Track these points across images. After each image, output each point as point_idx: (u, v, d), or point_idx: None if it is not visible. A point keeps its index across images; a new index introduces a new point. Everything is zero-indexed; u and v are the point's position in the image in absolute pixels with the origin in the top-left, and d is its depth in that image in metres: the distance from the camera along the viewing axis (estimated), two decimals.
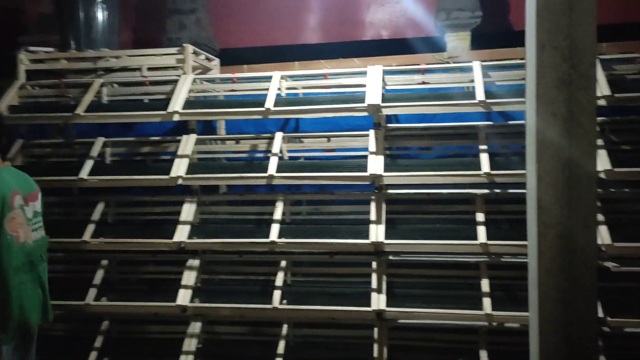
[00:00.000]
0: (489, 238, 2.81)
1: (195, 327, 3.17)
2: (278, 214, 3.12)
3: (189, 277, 3.18)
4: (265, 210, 3.26)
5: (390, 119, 3.57)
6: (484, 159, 2.86)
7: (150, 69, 3.55)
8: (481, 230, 2.84)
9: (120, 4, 3.75)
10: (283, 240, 3.02)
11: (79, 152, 3.44)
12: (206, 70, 3.68)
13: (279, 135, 3.20)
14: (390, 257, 3.05)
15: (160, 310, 3.13)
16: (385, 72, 3.15)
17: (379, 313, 2.87)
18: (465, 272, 3.00)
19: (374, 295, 2.92)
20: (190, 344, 3.12)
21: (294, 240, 3.01)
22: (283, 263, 3.18)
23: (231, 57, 4.07)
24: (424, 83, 3.13)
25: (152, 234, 3.18)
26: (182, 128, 3.41)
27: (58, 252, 3.46)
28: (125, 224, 3.40)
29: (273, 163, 3.06)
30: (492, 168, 2.82)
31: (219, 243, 3.10)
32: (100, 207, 3.33)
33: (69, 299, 3.18)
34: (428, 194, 3.11)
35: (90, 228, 3.22)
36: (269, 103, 3.05)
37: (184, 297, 3.08)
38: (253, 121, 3.78)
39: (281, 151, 3.25)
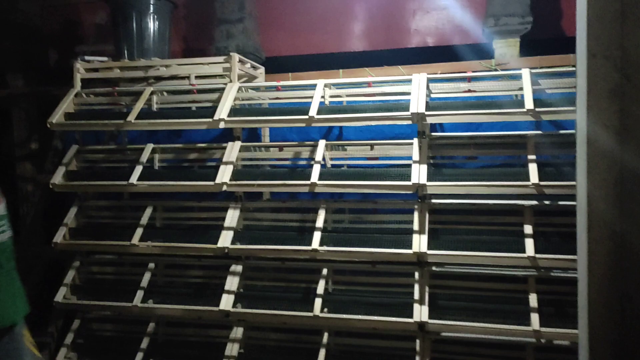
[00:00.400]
0: (537, 251, 2.71)
1: (238, 332, 3.22)
2: (320, 221, 3.13)
3: (232, 283, 3.22)
4: (307, 218, 3.27)
5: (434, 127, 3.52)
6: (533, 169, 2.77)
7: (198, 77, 3.63)
8: (529, 243, 2.75)
9: (171, 14, 3.86)
10: (325, 248, 3.02)
11: (130, 157, 3.56)
12: (252, 78, 3.73)
13: (322, 143, 3.21)
14: (434, 268, 3.00)
15: (204, 315, 3.18)
16: (431, 80, 3.11)
17: (421, 325, 2.83)
18: (512, 286, 2.91)
19: (416, 306, 2.88)
20: (232, 349, 3.17)
21: (336, 249, 3.01)
22: (324, 271, 3.17)
23: (276, 65, 4.12)
24: (470, 91, 3.06)
25: (198, 238, 3.25)
26: (228, 135, 3.48)
27: (108, 254, 3.60)
28: (172, 228, 3.49)
29: (316, 171, 3.07)
30: (541, 179, 2.73)
31: (262, 249, 3.13)
32: (148, 212, 3.43)
33: (117, 300, 3.29)
34: (473, 204, 3.04)
35: (139, 232, 3.32)
36: (313, 111, 3.06)
37: (226, 302, 3.13)
38: (297, 128, 3.82)
39: (324, 159, 3.26)
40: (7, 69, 4.56)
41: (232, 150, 3.28)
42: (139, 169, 3.32)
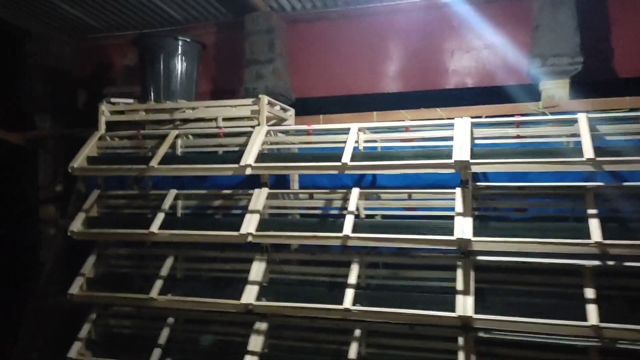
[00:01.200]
0: (601, 319, 2.38)
1: None
2: (353, 277, 2.86)
3: (256, 342, 2.96)
4: (338, 272, 3.01)
5: (477, 176, 3.25)
6: (594, 225, 2.46)
7: (226, 119, 3.47)
8: (591, 310, 2.42)
9: (200, 55, 3.75)
10: (357, 308, 2.74)
11: (152, 203, 3.39)
12: (281, 120, 3.56)
13: (355, 191, 2.98)
14: (480, 334, 2.68)
15: None
16: (475, 125, 2.86)
17: None
18: (572, 356, 2.56)
19: None
20: None
21: (370, 309, 2.73)
22: (357, 332, 2.89)
23: (307, 107, 3.95)
24: (518, 137, 2.80)
25: (220, 293, 3.02)
26: (256, 180, 3.27)
27: (126, 307, 3.39)
28: (193, 279, 3.27)
29: (349, 222, 2.82)
30: (603, 236, 2.41)
31: (288, 307, 2.87)
32: (169, 262, 3.23)
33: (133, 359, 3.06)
34: (524, 262, 2.73)
35: (158, 284, 3.10)
36: (346, 157, 2.84)
37: None
38: (328, 174, 3.60)
39: (357, 208, 3.01)
40: (35, 111, 4.52)
41: (259, 198, 3.07)
42: (160, 217, 3.13)
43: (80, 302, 3.24)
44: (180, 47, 3.54)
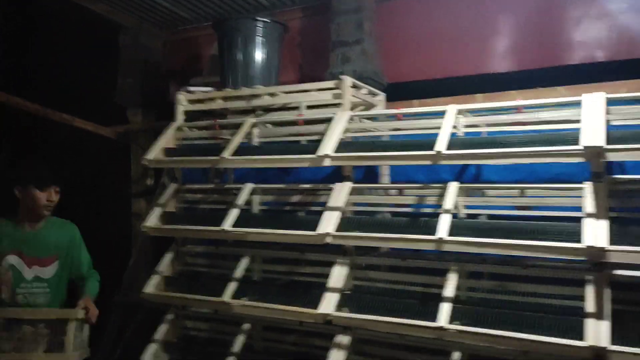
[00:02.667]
0: None
1: None
2: (450, 289, 2.37)
3: (337, 358, 2.58)
4: (434, 282, 2.54)
5: (611, 167, 2.61)
6: None
7: (309, 107, 3.14)
8: None
9: (281, 38, 3.45)
10: (455, 327, 2.25)
11: (231, 198, 3.14)
12: (370, 106, 3.15)
13: (453, 186, 2.48)
14: None
15: None
16: (610, 102, 2.24)
17: None
18: None
19: None
20: None
21: (471, 329, 2.23)
22: (456, 355, 2.40)
23: (400, 92, 3.49)
24: None
25: (297, 299, 2.68)
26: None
27: (202, 309, 3.18)
28: (269, 283, 2.97)
29: (445, 222, 2.35)
30: None
31: (373, 321, 2.45)
32: (244, 262, 2.95)
33: None
34: None
35: (232, 287, 2.84)
36: (441, 145, 2.36)
37: None
38: (424, 167, 3.11)
39: (456, 206, 2.51)
40: (127, 105, 4.51)
41: (340, 194, 2.68)
42: (234, 213, 2.86)
43: (154, 302, 3.07)
44: (258, 29, 3.25)
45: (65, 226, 2.85)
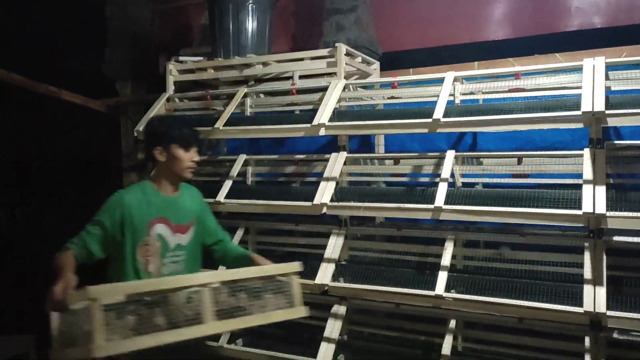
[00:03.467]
0: None
1: None
2: (447, 258, 2.37)
3: (333, 328, 2.58)
4: (430, 251, 2.53)
5: (608, 133, 2.60)
6: None
7: (303, 77, 3.08)
8: None
9: (273, 6, 3.35)
10: (453, 295, 2.25)
11: (224, 170, 3.09)
12: (365, 75, 3.09)
13: (450, 155, 2.45)
14: (614, 335, 2.08)
15: None
16: (610, 67, 2.21)
17: None
18: None
19: None
20: None
21: (468, 297, 2.23)
22: (452, 323, 2.41)
23: (396, 61, 3.42)
24: None
25: None
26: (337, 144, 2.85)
27: None
28: (265, 255, 2.93)
29: (442, 191, 2.32)
30: None
31: (370, 290, 2.45)
32: (239, 234, 2.92)
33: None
34: None
35: None
36: (438, 112, 2.32)
37: (325, 354, 2.49)
38: (420, 136, 3.10)
39: (453, 175, 2.49)
40: (116, 77, 4.41)
41: (336, 163, 2.64)
42: (227, 185, 2.82)
43: None
44: None
45: (192, 190, 2.52)
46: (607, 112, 2.00)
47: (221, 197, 2.76)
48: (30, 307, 4.63)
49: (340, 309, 2.62)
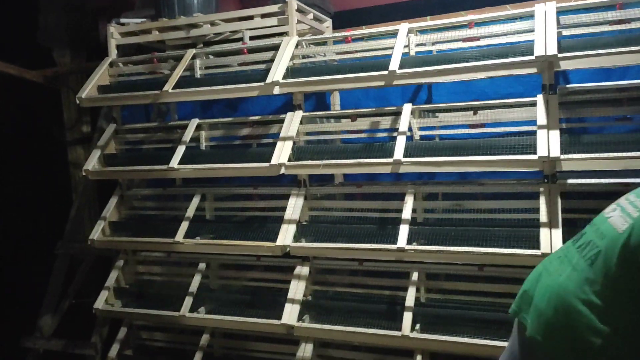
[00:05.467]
0: None
1: (307, 349, 2.56)
2: (407, 211, 2.37)
3: (297, 289, 2.56)
4: (390, 207, 2.53)
5: (557, 80, 2.63)
6: None
7: (253, 37, 2.98)
8: None
9: None
10: (414, 247, 2.26)
11: (176, 137, 2.97)
12: (317, 34, 3.01)
13: (407, 108, 2.43)
14: None
15: (264, 329, 2.55)
16: (561, 12, 2.22)
17: None
18: None
19: None
20: None
21: (429, 248, 2.24)
22: (415, 275, 2.43)
23: (347, 20, 3.34)
24: (620, 22, 2.15)
25: (254, 234, 2.62)
26: (292, 106, 2.78)
27: (155, 253, 3.07)
28: (224, 221, 2.88)
29: (400, 144, 2.31)
30: None
31: (332, 249, 2.43)
32: (195, 201, 2.83)
33: (164, 308, 2.75)
34: (626, 185, 2.15)
35: (184, 226, 2.73)
36: (394, 64, 2.28)
37: (290, 314, 2.48)
38: (374, 94, 3.07)
39: (411, 129, 2.48)
40: (53, 46, 4.14)
41: (292, 123, 2.58)
42: (180, 150, 2.72)
43: (102, 248, 2.94)
44: None
45: None
46: (559, 55, 2.02)
47: (174, 163, 2.66)
48: None
49: (303, 270, 2.60)
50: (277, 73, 2.47)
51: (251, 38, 2.99)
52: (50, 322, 3.35)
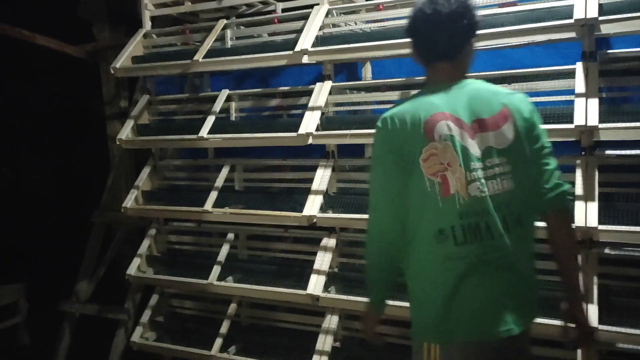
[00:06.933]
0: None
1: (332, 321, 2.55)
2: None
3: (323, 260, 2.56)
4: None
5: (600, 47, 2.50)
6: None
7: (287, 9, 2.95)
8: None
9: None
10: None
11: (207, 107, 2.99)
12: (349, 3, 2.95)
13: None
14: (606, 251, 2.06)
15: (290, 298, 2.56)
16: None
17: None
18: None
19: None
20: (325, 342, 2.52)
21: None
22: None
23: None
24: None
25: (281, 205, 2.61)
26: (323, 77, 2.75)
27: (186, 222, 3.12)
28: (253, 191, 2.89)
29: None
30: None
31: (359, 220, 2.40)
32: (224, 172, 2.85)
33: (193, 276, 2.79)
34: None
35: (213, 196, 2.75)
36: None
37: (316, 285, 2.48)
38: (407, 66, 2.98)
39: None
40: (93, 21, 4.22)
41: (320, 93, 2.55)
42: (211, 120, 2.73)
43: (135, 216, 3.00)
44: None
45: None
46: (600, 18, 1.91)
47: (204, 132, 2.68)
48: (19, 256, 4.62)
49: (329, 242, 2.59)
50: (305, 41, 2.44)
51: (284, 10, 2.97)
52: (86, 288, 3.46)
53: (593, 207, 1.98)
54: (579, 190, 2.02)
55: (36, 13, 4.11)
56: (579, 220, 1.95)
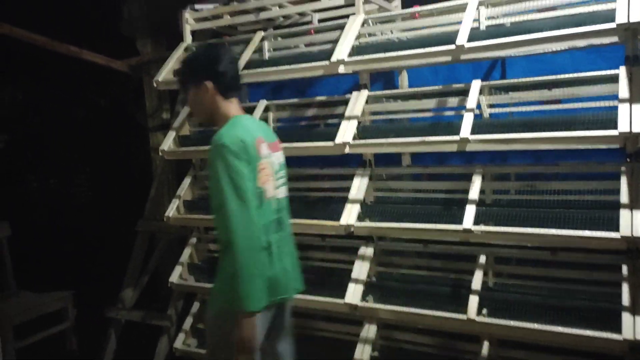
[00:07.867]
0: None
1: (370, 330, 2.55)
2: (475, 192, 2.29)
3: (361, 269, 2.56)
4: (458, 187, 2.45)
5: None
6: None
7: (323, 20, 2.99)
8: None
9: None
10: (482, 228, 2.18)
11: None
12: (385, 11, 2.96)
13: (475, 84, 2.34)
14: None
15: (328, 307, 2.57)
16: None
17: (634, 344, 1.87)
18: None
19: (625, 316, 1.92)
20: (364, 351, 2.52)
21: (498, 229, 2.16)
22: (482, 258, 2.34)
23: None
24: None
25: (318, 213, 2.63)
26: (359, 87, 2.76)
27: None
28: (291, 200, 2.89)
29: (467, 122, 2.22)
30: None
31: (397, 229, 2.40)
32: None
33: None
34: None
35: None
36: (462, 38, 2.20)
37: (353, 294, 2.48)
38: (443, 74, 2.98)
39: (479, 107, 2.38)
40: (136, 36, 4.38)
41: (357, 102, 2.56)
42: None
43: (177, 225, 3.08)
44: None
45: None
46: None
47: None
48: (67, 264, 4.79)
49: (367, 251, 2.59)
50: (342, 51, 2.46)
51: (320, 21, 3.01)
52: (131, 295, 3.57)
53: (638, 214, 1.91)
54: (624, 198, 1.96)
55: (82, 30, 4.29)
56: (624, 229, 1.89)
